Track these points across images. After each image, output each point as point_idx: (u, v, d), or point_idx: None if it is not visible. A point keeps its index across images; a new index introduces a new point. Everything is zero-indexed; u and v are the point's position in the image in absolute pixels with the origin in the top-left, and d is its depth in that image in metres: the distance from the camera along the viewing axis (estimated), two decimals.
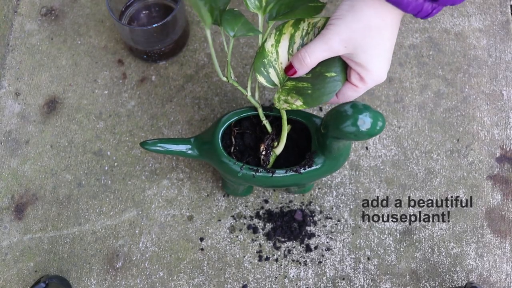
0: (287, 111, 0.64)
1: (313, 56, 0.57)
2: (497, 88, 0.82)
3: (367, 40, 0.55)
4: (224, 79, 0.60)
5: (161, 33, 0.78)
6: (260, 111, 0.64)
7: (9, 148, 0.80)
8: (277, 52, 0.60)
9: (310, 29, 0.60)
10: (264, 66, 0.60)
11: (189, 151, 0.66)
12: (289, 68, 0.60)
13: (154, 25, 0.75)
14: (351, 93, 0.60)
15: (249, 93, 0.63)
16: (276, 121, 0.67)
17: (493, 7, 0.87)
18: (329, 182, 0.77)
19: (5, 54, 0.86)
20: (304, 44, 0.60)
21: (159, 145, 0.65)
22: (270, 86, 0.61)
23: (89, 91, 0.83)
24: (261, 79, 0.60)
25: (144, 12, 0.84)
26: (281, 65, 0.60)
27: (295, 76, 0.60)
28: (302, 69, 0.59)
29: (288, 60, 0.60)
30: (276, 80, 0.61)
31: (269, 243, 0.74)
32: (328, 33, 0.56)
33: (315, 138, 0.63)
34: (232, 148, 0.66)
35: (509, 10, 0.87)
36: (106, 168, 0.78)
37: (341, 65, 0.59)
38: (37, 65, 0.85)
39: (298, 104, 0.59)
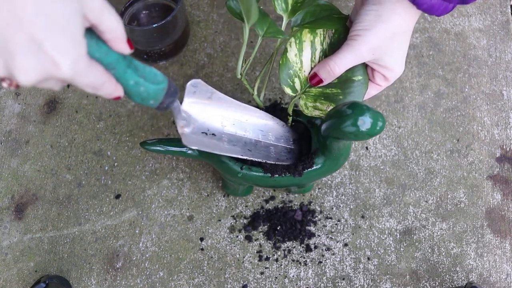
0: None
1: (343, 66, 0.58)
2: (497, 88, 0.82)
3: (393, 45, 0.57)
4: (239, 76, 0.61)
5: (161, 33, 0.78)
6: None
7: (9, 148, 0.80)
8: (301, 61, 0.61)
9: (325, 34, 0.62)
10: (290, 77, 0.60)
11: (189, 151, 0.66)
12: (313, 77, 0.60)
13: (154, 25, 0.75)
14: (375, 91, 0.63)
15: (255, 93, 0.63)
16: None
17: (493, 7, 0.87)
18: (329, 182, 0.77)
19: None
20: (324, 50, 0.61)
21: (159, 145, 0.65)
22: (293, 94, 0.61)
23: None
24: (287, 90, 0.61)
25: (144, 12, 0.84)
26: (304, 73, 0.61)
27: (320, 85, 0.60)
28: (330, 79, 0.60)
29: (311, 67, 0.61)
30: (298, 88, 0.61)
31: (269, 243, 0.74)
32: (356, 44, 0.57)
33: (315, 138, 0.63)
34: None
35: (509, 10, 0.87)
36: (106, 168, 0.78)
37: (363, 68, 0.61)
38: None
39: None
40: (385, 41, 0.57)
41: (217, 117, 0.59)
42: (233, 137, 0.60)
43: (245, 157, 0.59)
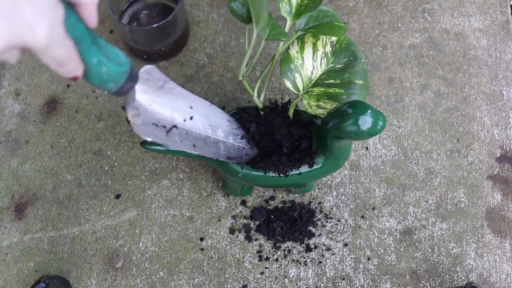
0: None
1: None
2: (497, 88, 0.82)
3: None
4: (241, 78, 0.61)
5: (161, 33, 0.78)
6: (262, 114, 0.65)
7: (9, 148, 0.80)
8: (302, 58, 0.62)
9: (328, 39, 0.63)
10: (291, 71, 0.61)
11: (189, 151, 0.66)
12: None
13: (154, 25, 0.75)
14: None
15: (255, 94, 0.63)
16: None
17: (493, 7, 0.87)
18: (329, 182, 0.77)
19: None
20: (326, 53, 0.63)
21: (159, 144, 0.65)
22: (295, 91, 0.61)
23: (89, 91, 0.83)
24: (288, 84, 0.61)
25: (144, 12, 0.84)
26: (306, 71, 0.62)
27: None
28: None
29: (313, 66, 0.62)
30: (300, 86, 0.62)
31: (269, 243, 0.74)
32: None
33: (315, 138, 0.63)
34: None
35: (509, 10, 0.87)
36: (106, 168, 0.78)
37: (365, 72, 0.62)
38: (37, 65, 0.85)
39: None
40: None
41: (167, 108, 0.56)
42: (183, 131, 0.58)
43: (196, 153, 0.58)
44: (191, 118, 0.58)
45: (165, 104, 0.55)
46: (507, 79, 0.82)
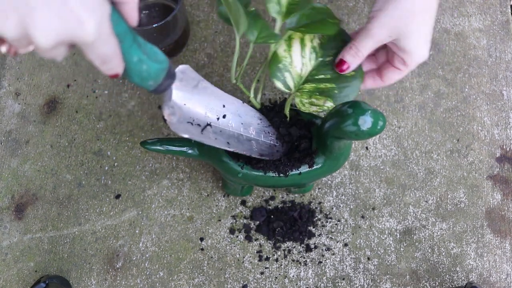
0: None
1: (364, 50, 0.58)
2: (497, 88, 0.82)
3: (410, 26, 0.56)
4: (234, 81, 0.60)
5: (161, 33, 0.78)
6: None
7: (9, 148, 0.80)
8: (291, 56, 0.61)
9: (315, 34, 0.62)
10: (280, 71, 0.61)
11: (190, 151, 0.66)
12: (340, 63, 0.60)
13: (154, 25, 0.75)
14: (397, 76, 0.62)
15: (252, 95, 0.63)
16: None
17: (493, 7, 0.87)
18: (329, 182, 0.77)
19: (5, 54, 0.86)
20: (315, 47, 0.61)
21: (159, 144, 0.65)
22: (286, 90, 0.61)
23: (89, 91, 0.83)
24: (278, 84, 0.61)
25: (144, 12, 0.83)
26: (295, 69, 0.61)
27: (348, 71, 0.60)
28: (356, 63, 0.59)
29: (302, 63, 0.61)
30: (291, 84, 0.61)
31: (269, 243, 0.74)
32: (370, 26, 0.56)
33: (315, 138, 0.63)
34: None
35: (509, 10, 0.87)
36: (106, 168, 0.78)
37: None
38: (37, 65, 0.85)
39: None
40: (400, 21, 0.55)
41: (202, 107, 0.57)
42: (216, 129, 0.59)
43: (230, 149, 0.59)
44: (224, 116, 0.60)
45: (199, 103, 0.56)
46: (507, 79, 0.82)
